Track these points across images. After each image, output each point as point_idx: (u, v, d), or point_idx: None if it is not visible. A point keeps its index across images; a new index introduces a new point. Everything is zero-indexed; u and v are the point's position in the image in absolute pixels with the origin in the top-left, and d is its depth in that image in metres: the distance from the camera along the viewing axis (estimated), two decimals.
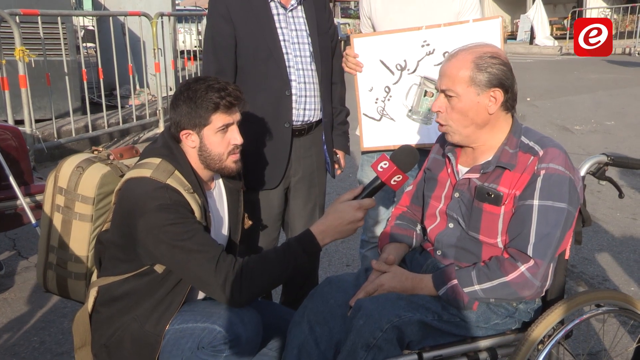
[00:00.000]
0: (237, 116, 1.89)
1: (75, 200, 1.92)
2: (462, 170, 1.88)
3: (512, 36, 25.67)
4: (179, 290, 1.85)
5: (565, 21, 23.74)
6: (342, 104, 2.60)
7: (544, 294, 1.83)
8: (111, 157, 2.03)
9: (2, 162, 3.20)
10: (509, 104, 1.79)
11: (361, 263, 2.89)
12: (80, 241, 1.96)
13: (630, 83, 12.18)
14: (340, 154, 2.64)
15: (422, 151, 2.51)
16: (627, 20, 22.00)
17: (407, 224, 2.07)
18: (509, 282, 1.70)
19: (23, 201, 3.11)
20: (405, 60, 2.43)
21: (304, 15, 2.37)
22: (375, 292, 1.81)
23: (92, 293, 1.92)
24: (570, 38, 21.20)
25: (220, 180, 2.05)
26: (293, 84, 2.33)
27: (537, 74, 14.39)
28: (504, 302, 1.78)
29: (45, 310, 3.17)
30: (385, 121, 2.51)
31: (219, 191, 2.05)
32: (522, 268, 1.69)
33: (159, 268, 1.82)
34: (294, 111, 2.35)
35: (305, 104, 2.37)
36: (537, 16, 21.51)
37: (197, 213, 1.81)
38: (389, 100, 2.49)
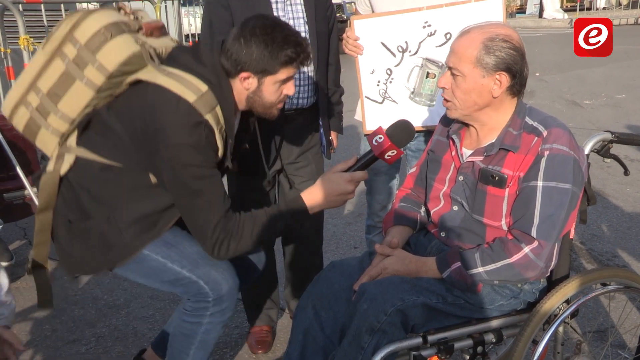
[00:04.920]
0: (298, 70, 1.85)
1: (90, 63, 1.74)
2: (466, 153, 1.87)
3: (521, 10, 25.32)
4: (168, 215, 1.84)
5: None
6: (336, 85, 2.59)
7: (548, 274, 1.82)
8: (141, 32, 1.84)
9: (9, 152, 3.23)
10: (516, 89, 1.76)
11: (368, 249, 2.89)
12: (75, 103, 1.79)
13: None
14: (333, 135, 2.64)
15: (425, 132, 2.53)
16: None
17: (411, 206, 2.07)
18: (512, 263, 1.69)
19: (31, 191, 3.14)
20: (406, 42, 2.40)
21: (302, 2, 2.34)
22: (379, 276, 1.81)
23: (68, 159, 1.82)
24: (580, 10, 20.90)
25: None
26: None
27: (546, 48, 14.20)
28: (509, 283, 1.78)
29: (56, 299, 3.19)
30: (387, 104, 2.49)
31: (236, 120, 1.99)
32: (526, 249, 1.68)
33: (152, 178, 1.78)
34: (286, 100, 2.33)
35: (299, 93, 2.37)
36: None
37: (220, 152, 1.78)
38: (390, 82, 2.46)
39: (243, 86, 1.80)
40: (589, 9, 21.64)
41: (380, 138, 1.78)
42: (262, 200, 2.49)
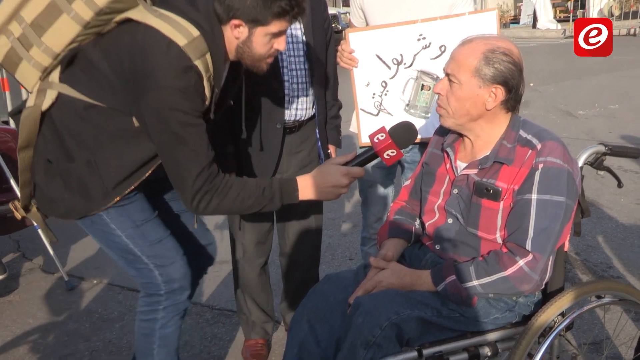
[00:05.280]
0: (290, 24, 1.80)
1: None
2: (461, 165, 1.87)
3: (515, 20, 25.52)
4: (150, 164, 1.81)
5: (568, 3, 23.58)
6: (334, 98, 2.59)
7: (543, 286, 1.82)
8: None
9: (3, 164, 3.22)
10: (510, 105, 1.76)
11: (363, 261, 2.89)
12: (60, 38, 1.72)
13: (634, 64, 12.09)
14: (331, 148, 2.63)
15: (420, 144, 2.53)
16: (632, 0, 21.84)
17: (405, 219, 2.07)
18: (507, 276, 1.69)
19: None
20: (401, 54, 2.41)
21: None
22: (374, 289, 1.81)
23: (50, 95, 1.76)
24: (573, 20, 21.06)
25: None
26: (286, 84, 2.31)
27: (540, 58, 14.31)
28: (504, 296, 1.78)
29: (49, 312, 3.19)
30: (382, 116, 2.50)
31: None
32: (521, 262, 1.68)
33: (136, 122, 1.74)
34: (286, 111, 2.34)
35: (298, 104, 2.36)
36: None
37: (207, 101, 1.76)
38: (386, 94, 2.47)
39: (233, 34, 1.74)
40: None
41: (382, 136, 1.79)
42: (264, 212, 2.49)
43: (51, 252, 3.37)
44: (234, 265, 2.61)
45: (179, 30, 1.64)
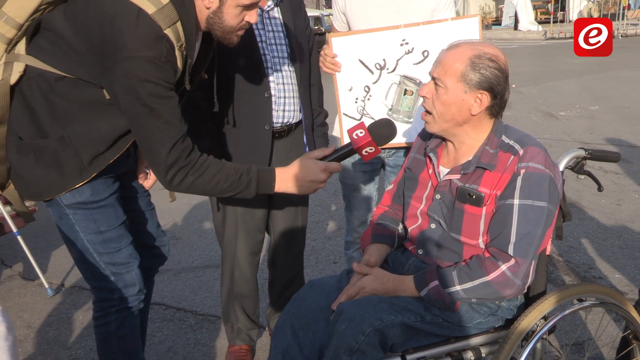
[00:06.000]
0: None
1: None
2: (443, 171, 1.88)
3: (496, 22, 25.77)
4: (123, 137, 1.77)
5: (549, 5, 23.86)
6: (320, 106, 2.58)
7: (525, 291, 1.83)
8: None
9: None
10: (495, 110, 1.77)
11: (347, 265, 2.89)
12: (22, 7, 1.66)
13: (614, 66, 12.27)
14: None
15: (403, 149, 2.54)
16: (610, 3, 22.15)
17: (388, 224, 2.07)
18: (490, 281, 1.70)
19: (3, 210, 3.08)
20: (384, 60, 2.42)
21: (281, 17, 2.34)
22: (357, 295, 1.80)
23: (17, 68, 1.70)
24: (554, 22, 21.31)
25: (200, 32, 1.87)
26: (272, 85, 2.30)
27: (522, 60, 14.45)
28: (486, 301, 1.79)
29: (29, 320, 3.14)
30: (365, 120, 2.49)
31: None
32: (503, 267, 1.69)
33: (107, 94, 1.69)
34: (273, 113, 2.32)
35: (285, 105, 2.35)
36: (521, 1, 21.59)
37: (179, 72, 1.72)
38: (368, 99, 2.47)
39: (204, 3, 1.70)
40: (562, 21, 22.08)
41: (361, 132, 1.79)
42: (255, 222, 2.48)
43: (31, 259, 3.32)
44: (227, 276, 2.57)
45: None
